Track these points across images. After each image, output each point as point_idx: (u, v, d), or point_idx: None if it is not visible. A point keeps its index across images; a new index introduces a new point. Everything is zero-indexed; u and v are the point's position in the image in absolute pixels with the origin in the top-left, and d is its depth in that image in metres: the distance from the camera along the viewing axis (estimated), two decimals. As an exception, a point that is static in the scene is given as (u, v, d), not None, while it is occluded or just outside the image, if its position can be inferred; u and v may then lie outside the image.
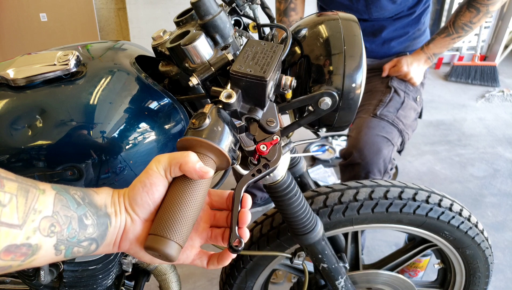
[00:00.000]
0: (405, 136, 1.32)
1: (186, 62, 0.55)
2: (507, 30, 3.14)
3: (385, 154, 1.25)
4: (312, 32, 0.67)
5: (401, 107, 1.35)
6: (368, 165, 1.26)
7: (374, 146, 1.25)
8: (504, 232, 1.75)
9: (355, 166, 1.29)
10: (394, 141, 1.28)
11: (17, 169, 0.55)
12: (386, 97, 1.37)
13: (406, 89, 1.42)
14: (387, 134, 1.27)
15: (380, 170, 1.27)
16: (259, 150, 0.51)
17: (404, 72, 1.40)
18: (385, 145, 1.26)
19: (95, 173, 0.57)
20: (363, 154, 1.25)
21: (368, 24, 1.45)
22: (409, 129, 1.36)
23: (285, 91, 0.56)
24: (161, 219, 0.43)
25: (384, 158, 1.26)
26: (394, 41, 1.47)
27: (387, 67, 1.44)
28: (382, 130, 1.27)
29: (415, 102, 1.42)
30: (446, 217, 0.87)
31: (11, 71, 0.57)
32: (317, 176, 2.07)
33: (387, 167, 1.29)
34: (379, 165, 1.26)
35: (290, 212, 0.72)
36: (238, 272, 0.95)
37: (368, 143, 1.25)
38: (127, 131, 0.58)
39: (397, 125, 1.30)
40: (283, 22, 1.49)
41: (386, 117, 1.30)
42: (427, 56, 1.40)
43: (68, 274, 0.73)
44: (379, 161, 1.25)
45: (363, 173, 1.28)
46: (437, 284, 1.12)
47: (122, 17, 2.97)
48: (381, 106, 1.34)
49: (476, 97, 2.89)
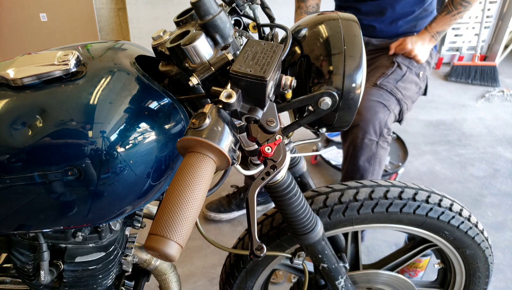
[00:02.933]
0: (403, 105, 1.45)
1: (186, 62, 0.55)
2: (507, 30, 3.13)
3: (380, 117, 1.38)
4: (312, 32, 0.67)
5: (401, 79, 1.47)
6: (365, 125, 1.38)
7: (372, 109, 1.38)
8: (504, 232, 1.75)
9: (353, 128, 1.41)
10: (391, 108, 1.41)
11: (17, 169, 0.55)
12: (389, 70, 1.49)
13: (410, 65, 1.53)
14: (384, 100, 1.40)
15: (376, 131, 1.39)
16: (264, 152, 0.51)
17: (409, 49, 1.50)
18: (382, 109, 1.38)
19: (95, 173, 0.57)
20: (361, 116, 1.38)
21: (376, 3, 1.54)
22: (408, 100, 1.47)
23: (285, 91, 0.56)
24: (161, 219, 0.43)
25: (380, 120, 1.38)
26: (401, 20, 1.56)
27: (394, 46, 1.55)
28: (380, 97, 1.40)
29: (417, 77, 1.52)
30: (446, 217, 0.87)
31: (11, 71, 0.57)
32: (330, 156, 2.12)
33: (383, 130, 1.41)
34: (375, 126, 1.38)
35: (290, 212, 0.72)
36: (238, 272, 0.95)
37: (366, 106, 1.38)
38: (127, 131, 0.58)
39: (395, 94, 1.42)
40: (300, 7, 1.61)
41: (385, 86, 1.43)
42: (431, 35, 1.50)
43: (68, 274, 0.73)
44: (375, 122, 1.38)
45: (360, 134, 1.40)
46: (437, 284, 1.12)
47: (122, 17, 2.97)
48: (382, 77, 1.47)
49: (476, 97, 2.89)
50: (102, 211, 0.62)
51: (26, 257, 0.72)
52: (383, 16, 1.56)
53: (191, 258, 1.65)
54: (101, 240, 0.73)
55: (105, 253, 0.73)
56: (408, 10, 1.54)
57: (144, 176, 0.61)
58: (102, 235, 0.72)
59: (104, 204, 0.60)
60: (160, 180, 0.65)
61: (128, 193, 0.61)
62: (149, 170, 0.61)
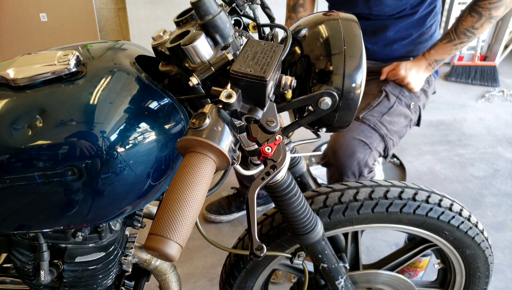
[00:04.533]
0: (388, 142, 1.30)
1: (186, 62, 0.55)
2: (507, 30, 3.13)
3: (359, 157, 1.24)
4: (312, 32, 0.67)
5: (388, 112, 1.32)
6: (341, 167, 1.25)
7: (349, 148, 1.24)
8: (504, 232, 1.75)
9: (330, 166, 1.30)
10: (373, 145, 1.26)
11: (17, 169, 0.55)
12: (375, 101, 1.34)
13: (400, 95, 1.37)
14: (365, 138, 1.25)
15: (354, 173, 1.26)
16: (264, 152, 0.51)
17: (402, 76, 1.36)
18: (361, 149, 1.24)
19: (95, 173, 0.57)
20: (336, 155, 1.25)
21: (370, 23, 1.41)
22: (395, 135, 1.32)
23: (285, 91, 0.56)
24: (161, 219, 0.43)
25: (358, 161, 1.24)
26: (397, 43, 1.43)
27: (386, 70, 1.41)
28: (360, 134, 1.25)
29: (407, 108, 1.38)
30: (446, 217, 0.87)
31: (11, 71, 0.57)
32: (319, 173, 2.09)
33: (362, 171, 1.27)
34: (353, 168, 1.25)
35: (290, 212, 0.72)
36: (238, 272, 0.95)
37: (343, 145, 1.24)
38: (127, 131, 0.58)
39: (378, 130, 1.27)
40: (291, 18, 1.49)
41: (368, 121, 1.28)
42: (428, 63, 1.34)
43: (68, 274, 0.73)
44: (352, 163, 1.24)
45: (337, 175, 1.28)
46: (437, 284, 1.12)
47: (122, 17, 2.97)
48: (366, 110, 1.32)
49: (476, 97, 2.89)
50: (102, 211, 0.62)
51: (26, 257, 0.72)
52: (377, 37, 1.42)
53: (191, 258, 1.65)
54: (101, 240, 0.73)
55: (105, 253, 0.73)
56: (404, 33, 1.41)
57: (144, 176, 0.61)
58: (102, 235, 0.72)
59: (104, 204, 0.60)
60: (160, 180, 0.65)
61: (128, 193, 0.61)
62: (149, 170, 0.61)
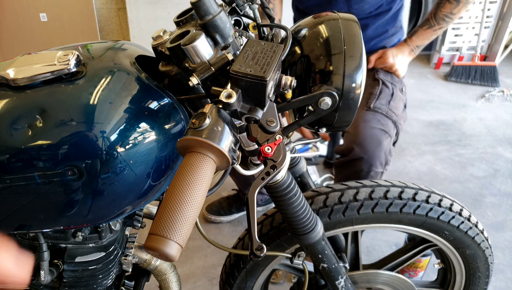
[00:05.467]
0: (399, 127, 1.35)
1: (186, 62, 0.55)
2: (507, 30, 3.14)
3: (385, 146, 1.27)
4: (312, 32, 0.67)
5: (392, 98, 1.38)
6: (370, 159, 1.26)
7: (374, 139, 1.26)
8: (504, 232, 1.75)
9: (356, 161, 1.29)
10: (391, 132, 1.31)
11: (17, 169, 0.55)
12: (376, 90, 1.39)
13: (393, 81, 1.44)
14: (383, 126, 1.29)
15: (381, 162, 1.28)
16: (264, 152, 0.51)
17: (390, 63, 1.43)
18: (384, 137, 1.27)
19: (95, 173, 0.57)
20: (364, 148, 1.25)
21: None
22: (401, 119, 1.38)
23: (285, 91, 0.56)
24: (161, 219, 0.43)
25: (384, 150, 1.27)
26: (375, 39, 1.50)
27: (373, 59, 1.46)
28: (378, 123, 1.29)
29: (401, 93, 1.45)
30: (446, 217, 0.87)
31: (11, 71, 0.57)
32: None
33: (388, 159, 1.31)
34: (381, 158, 1.27)
35: (290, 212, 0.72)
36: (238, 272, 0.95)
37: (368, 136, 1.26)
38: (127, 131, 0.58)
39: (391, 117, 1.32)
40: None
41: (380, 109, 1.32)
42: (410, 48, 1.44)
43: (68, 274, 0.73)
44: (380, 153, 1.26)
45: (365, 167, 1.28)
46: (437, 284, 1.12)
47: (122, 17, 2.97)
48: (373, 99, 1.35)
49: (476, 97, 2.89)
50: (102, 211, 0.62)
51: (26, 257, 0.72)
52: None
53: (191, 258, 1.65)
54: (101, 240, 0.73)
55: (105, 253, 0.73)
56: (382, 30, 1.48)
57: (144, 176, 0.61)
58: (102, 235, 0.72)
59: (104, 204, 0.60)
60: (160, 180, 0.65)
61: (128, 193, 0.61)
62: (149, 170, 0.61)
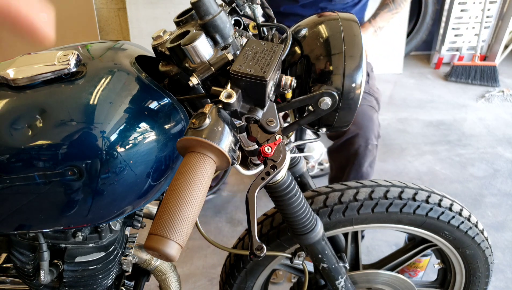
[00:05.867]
0: (379, 103, 1.45)
1: (186, 62, 0.55)
2: (507, 30, 3.14)
3: (375, 120, 1.36)
4: (312, 32, 0.67)
5: (369, 78, 1.45)
6: (366, 133, 1.33)
7: (366, 115, 1.34)
8: (504, 232, 1.75)
9: (353, 138, 1.36)
10: (376, 108, 1.41)
11: (17, 169, 0.55)
12: None
13: None
14: (370, 103, 1.38)
15: (375, 135, 1.36)
16: (264, 152, 0.51)
17: None
18: (372, 112, 1.37)
19: (95, 173, 0.57)
20: (359, 124, 1.33)
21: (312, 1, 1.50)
22: (380, 97, 1.47)
23: (285, 91, 0.56)
24: (161, 219, 0.43)
25: (375, 124, 1.35)
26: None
27: None
28: (365, 101, 1.36)
29: (372, 73, 1.51)
30: (446, 217, 0.87)
31: (11, 71, 0.57)
32: None
33: (379, 131, 1.39)
34: (374, 131, 1.35)
35: (290, 212, 0.72)
36: (238, 272, 0.95)
37: (360, 113, 1.33)
38: (127, 131, 0.58)
39: (373, 94, 1.41)
40: None
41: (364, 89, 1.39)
42: (374, 29, 1.48)
43: (68, 274, 0.73)
44: (373, 127, 1.34)
45: (362, 142, 1.34)
46: (437, 284, 1.12)
47: (122, 17, 2.97)
48: None
49: (476, 97, 2.89)
50: (102, 211, 0.62)
51: (26, 257, 0.72)
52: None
53: (191, 258, 1.65)
54: (101, 240, 0.73)
55: (105, 253, 0.73)
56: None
57: (144, 176, 0.61)
58: (102, 235, 0.72)
59: (104, 204, 0.60)
60: (160, 180, 0.65)
61: (128, 193, 0.61)
62: (149, 170, 0.61)
